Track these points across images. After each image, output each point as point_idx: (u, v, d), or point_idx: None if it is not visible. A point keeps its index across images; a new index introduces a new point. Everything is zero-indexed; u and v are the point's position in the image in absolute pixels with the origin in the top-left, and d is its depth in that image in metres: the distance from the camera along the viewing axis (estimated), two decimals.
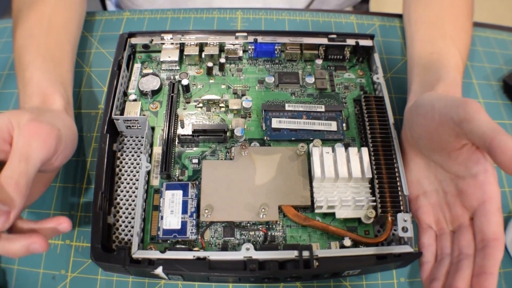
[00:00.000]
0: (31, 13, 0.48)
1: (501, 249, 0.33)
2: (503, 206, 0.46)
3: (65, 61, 0.47)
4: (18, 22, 0.48)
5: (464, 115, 0.32)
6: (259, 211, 0.40)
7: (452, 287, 0.33)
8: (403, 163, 0.42)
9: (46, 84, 0.43)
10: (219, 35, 0.50)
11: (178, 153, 0.45)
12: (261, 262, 0.37)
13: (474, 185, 0.35)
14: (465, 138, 0.34)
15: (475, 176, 0.35)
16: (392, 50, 0.57)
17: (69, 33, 0.50)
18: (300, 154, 0.44)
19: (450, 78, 0.43)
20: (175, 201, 0.41)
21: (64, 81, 0.46)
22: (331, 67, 0.52)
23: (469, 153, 0.35)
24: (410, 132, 0.41)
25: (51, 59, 0.46)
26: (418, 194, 0.41)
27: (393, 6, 1.59)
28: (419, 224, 0.40)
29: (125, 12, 0.60)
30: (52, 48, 0.47)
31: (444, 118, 0.34)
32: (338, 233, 0.40)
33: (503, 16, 1.62)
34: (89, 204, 0.44)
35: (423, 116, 0.37)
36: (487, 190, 0.35)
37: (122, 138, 0.45)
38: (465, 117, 0.32)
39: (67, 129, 0.40)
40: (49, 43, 0.47)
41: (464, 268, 0.34)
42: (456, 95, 0.43)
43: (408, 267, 0.41)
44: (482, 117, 0.32)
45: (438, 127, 0.35)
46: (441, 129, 0.35)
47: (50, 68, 0.45)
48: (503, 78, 0.55)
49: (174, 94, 0.47)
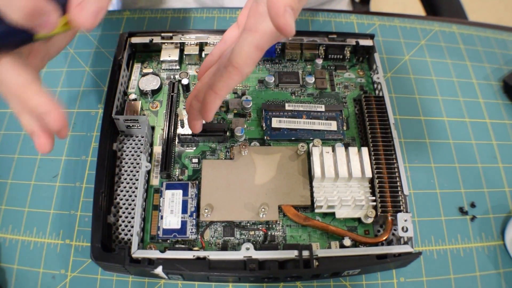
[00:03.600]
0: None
1: (235, 78, 0.33)
2: (503, 206, 0.46)
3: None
4: None
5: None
6: (259, 211, 0.40)
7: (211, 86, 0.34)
8: None
9: None
10: (219, 35, 0.50)
11: (178, 152, 0.45)
12: (261, 261, 0.37)
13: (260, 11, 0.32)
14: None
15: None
16: (392, 50, 0.57)
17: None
18: (300, 154, 0.44)
19: None
20: (175, 201, 0.41)
21: None
22: (331, 66, 0.52)
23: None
24: None
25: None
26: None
27: (393, 6, 1.60)
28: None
29: (125, 11, 0.60)
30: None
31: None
32: (338, 233, 0.40)
33: (503, 16, 1.62)
34: (89, 204, 0.44)
35: None
36: (261, 22, 0.32)
37: (122, 138, 0.45)
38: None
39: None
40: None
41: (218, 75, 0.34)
42: None
43: (408, 267, 0.41)
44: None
45: None
46: None
47: None
48: (503, 78, 0.55)
49: (174, 93, 0.47)
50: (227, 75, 0.33)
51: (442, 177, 0.47)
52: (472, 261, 0.43)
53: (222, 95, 0.34)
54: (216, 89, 0.34)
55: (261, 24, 0.32)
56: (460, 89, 0.54)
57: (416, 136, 0.50)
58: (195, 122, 0.39)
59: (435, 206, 0.46)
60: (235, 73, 0.33)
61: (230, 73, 0.33)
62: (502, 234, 0.44)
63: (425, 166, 0.48)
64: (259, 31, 0.32)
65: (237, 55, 0.33)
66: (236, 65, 0.33)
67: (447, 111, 0.52)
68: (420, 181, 0.47)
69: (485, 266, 0.43)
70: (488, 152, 0.49)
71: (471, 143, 0.50)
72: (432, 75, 0.55)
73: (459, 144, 0.50)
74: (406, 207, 0.40)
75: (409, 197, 0.45)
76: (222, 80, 0.33)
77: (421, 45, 0.57)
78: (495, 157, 0.49)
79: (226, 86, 0.34)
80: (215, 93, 0.34)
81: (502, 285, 0.42)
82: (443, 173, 0.47)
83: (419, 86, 0.54)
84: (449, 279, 0.42)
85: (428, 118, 0.51)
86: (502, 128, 0.51)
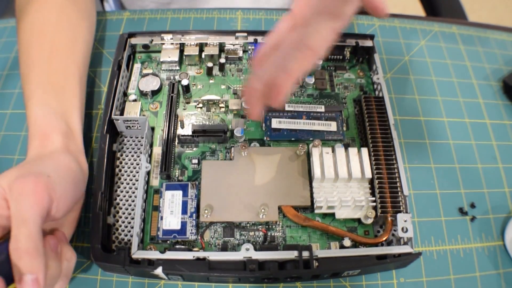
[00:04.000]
0: (33, 38, 0.45)
1: (310, 60, 0.35)
2: (503, 206, 0.46)
3: (69, 86, 0.45)
4: (20, 48, 0.46)
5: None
6: (259, 211, 0.40)
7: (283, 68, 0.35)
8: None
9: (45, 122, 0.41)
10: (219, 35, 0.50)
11: (178, 153, 0.45)
12: (261, 262, 0.37)
13: None
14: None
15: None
16: (392, 50, 0.57)
17: (74, 53, 0.47)
18: (300, 155, 0.44)
19: None
20: (175, 202, 0.41)
21: (67, 110, 0.43)
22: (331, 67, 0.52)
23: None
24: None
25: (52, 88, 0.43)
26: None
27: (392, 6, 1.60)
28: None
29: (125, 12, 0.60)
30: (54, 75, 0.44)
31: None
32: (338, 233, 0.40)
33: (503, 16, 1.62)
34: (89, 204, 0.44)
35: None
36: (343, 6, 0.35)
37: (122, 138, 0.45)
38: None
39: (63, 170, 0.37)
40: (50, 70, 0.44)
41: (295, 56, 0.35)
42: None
43: (408, 267, 0.41)
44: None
45: None
46: None
47: (50, 99, 0.42)
48: (503, 79, 0.55)
49: (174, 94, 0.47)
50: (302, 57, 0.35)
51: (442, 177, 0.47)
52: (472, 261, 0.43)
53: (295, 77, 0.35)
54: (289, 72, 0.35)
55: (343, 8, 0.35)
56: (460, 89, 0.54)
57: (416, 136, 0.50)
58: (257, 109, 0.38)
59: (435, 206, 0.46)
60: (311, 55, 0.35)
61: (305, 55, 0.35)
62: (502, 235, 0.44)
63: (425, 166, 0.48)
64: (340, 15, 0.35)
65: (314, 38, 0.35)
66: (312, 47, 0.35)
67: (447, 112, 0.52)
68: (420, 181, 0.47)
69: (485, 267, 0.43)
70: (488, 153, 0.49)
71: (471, 144, 0.50)
72: (432, 75, 0.55)
73: (459, 145, 0.50)
74: (406, 207, 0.40)
75: (409, 197, 0.45)
76: (297, 62, 0.35)
77: (421, 46, 0.57)
78: (495, 157, 0.49)
79: (301, 67, 0.35)
80: (288, 75, 0.35)
81: (502, 285, 0.42)
82: (443, 173, 0.47)
83: (419, 86, 0.54)
84: (449, 279, 0.42)
85: (428, 119, 0.51)
86: (502, 129, 0.51)
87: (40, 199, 0.32)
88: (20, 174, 0.33)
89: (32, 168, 0.35)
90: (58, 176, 0.35)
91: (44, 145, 0.40)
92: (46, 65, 0.44)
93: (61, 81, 0.44)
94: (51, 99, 0.43)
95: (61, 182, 0.35)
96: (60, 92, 0.44)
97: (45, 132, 0.40)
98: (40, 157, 0.39)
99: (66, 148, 0.40)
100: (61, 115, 0.42)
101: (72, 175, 0.38)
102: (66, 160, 0.39)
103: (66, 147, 0.40)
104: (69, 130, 0.42)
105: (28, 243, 0.30)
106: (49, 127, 0.41)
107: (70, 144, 0.41)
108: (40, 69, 0.44)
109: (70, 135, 0.42)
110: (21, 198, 0.31)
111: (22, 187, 0.32)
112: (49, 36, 0.46)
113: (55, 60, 0.45)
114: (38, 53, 0.45)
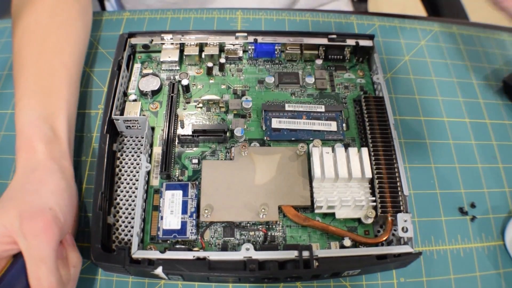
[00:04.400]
0: (23, 42, 0.45)
1: None
2: (503, 206, 0.46)
3: (56, 88, 0.44)
4: (13, 52, 0.46)
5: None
6: (259, 211, 0.40)
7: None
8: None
9: (28, 128, 0.41)
10: (219, 35, 0.50)
11: (178, 153, 0.45)
12: (261, 262, 0.37)
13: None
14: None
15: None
16: (392, 50, 0.57)
17: (64, 54, 0.46)
18: (300, 154, 0.44)
19: None
20: (175, 201, 0.41)
21: (53, 112, 0.43)
22: (331, 67, 0.52)
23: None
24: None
25: (39, 91, 0.43)
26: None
27: (392, 6, 1.59)
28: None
29: (125, 12, 0.60)
30: (41, 78, 0.44)
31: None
32: (338, 233, 0.40)
33: (503, 16, 1.62)
34: (89, 204, 0.44)
35: None
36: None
37: (122, 138, 0.45)
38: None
39: (59, 194, 0.38)
40: (38, 73, 0.44)
41: None
42: None
43: (408, 267, 0.41)
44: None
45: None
46: None
47: (35, 104, 0.42)
48: (503, 79, 0.55)
49: (174, 94, 0.47)
50: None
51: (442, 177, 0.47)
52: (472, 261, 0.43)
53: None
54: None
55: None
56: (460, 89, 0.54)
57: (416, 136, 0.50)
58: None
59: (435, 206, 0.46)
60: None
61: None
62: (502, 234, 0.44)
63: (425, 166, 0.48)
64: None
65: None
66: None
67: (447, 112, 0.52)
68: (420, 181, 0.47)
69: (485, 267, 0.43)
70: (488, 152, 0.49)
71: (471, 143, 0.50)
72: (432, 75, 0.55)
73: (459, 144, 0.50)
74: (406, 207, 0.40)
75: (409, 197, 0.45)
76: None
77: (421, 46, 0.57)
78: (495, 157, 0.49)
79: None
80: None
81: (502, 285, 0.42)
82: (443, 173, 0.47)
83: (419, 86, 0.54)
84: (449, 279, 0.42)
85: (428, 119, 0.51)
86: (502, 129, 0.51)
87: (52, 235, 0.34)
88: (23, 212, 0.34)
89: (33, 204, 0.36)
90: (57, 204, 0.36)
91: (29, 158, 0.40)
92: (34, 68, 0.44)
93: (47, 84, 0.44)
94: (36, 103, 0.42)
95: (61, 208, 0.37)
96: (46, 95, 0.43)
97: (30, 140, 0.40)
98: (31, 182, 0.38)
99: (50, 156, 0.40)
100: (45, 119, 0.42)
101: (66, 193, 0.39)
102: (55, 178, 0.39)
103: (50, 155, 0.40)
104: (53, 134, 0.42)
105: (51, 278, 0.32)
106: (33, 134, 0.41)
107: (54, 149, 0.41)
108: (28, 73, 0.44)
109: (54, 140, 0.41)
110: (35, 239, 0.33)
111: (33, 228, 0.33)
112: (39, 39, 0.46)
113: (42, 62, 0.45)
114: (28, 57, 0.45)
